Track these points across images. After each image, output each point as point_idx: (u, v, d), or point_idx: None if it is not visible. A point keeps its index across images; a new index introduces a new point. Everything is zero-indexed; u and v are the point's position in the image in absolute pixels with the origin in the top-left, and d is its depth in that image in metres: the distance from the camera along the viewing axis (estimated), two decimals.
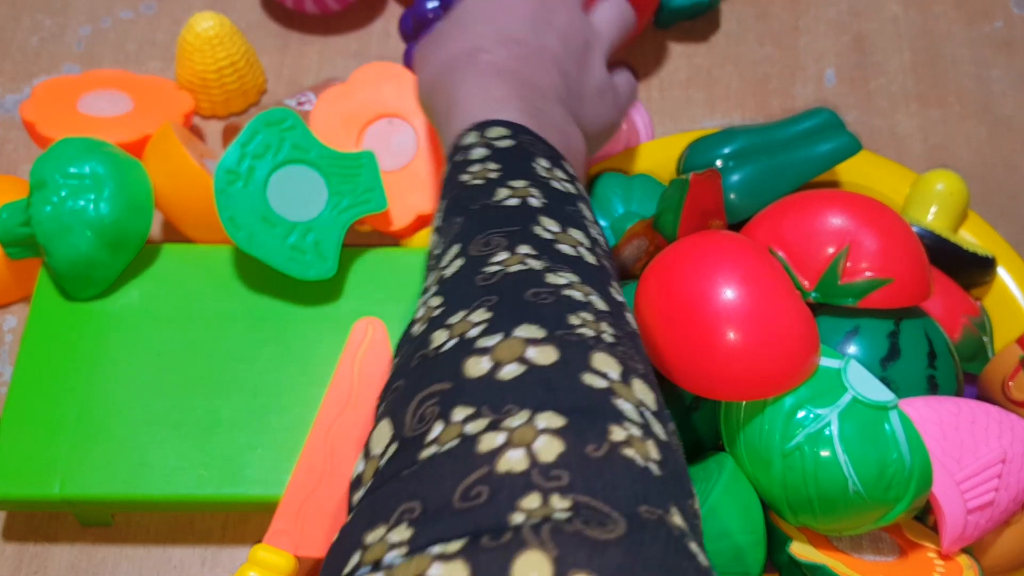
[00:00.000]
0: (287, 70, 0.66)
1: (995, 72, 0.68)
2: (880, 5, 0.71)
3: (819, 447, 0.40)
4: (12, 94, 0.65)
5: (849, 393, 0.41)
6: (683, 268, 0.43)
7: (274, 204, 0.50)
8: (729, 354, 0.40)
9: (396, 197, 0.53)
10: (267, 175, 0.50)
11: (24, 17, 0.68)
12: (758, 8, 0.71)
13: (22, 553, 0.50)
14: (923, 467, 0.40)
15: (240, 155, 0.50)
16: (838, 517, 0.41)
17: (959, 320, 0.50)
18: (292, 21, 0.68)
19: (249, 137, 0.50)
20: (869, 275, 0.44)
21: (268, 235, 0.50)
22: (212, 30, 0.59)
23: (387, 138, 0.54)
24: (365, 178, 0.52)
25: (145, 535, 0.51)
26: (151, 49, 0.67)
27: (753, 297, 0.41)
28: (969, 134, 0.65)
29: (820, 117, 0.54)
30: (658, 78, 0.67)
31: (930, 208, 0.55)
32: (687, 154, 0.55)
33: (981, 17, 0.70)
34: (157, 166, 0.52)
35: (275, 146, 0.50)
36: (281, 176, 0.50)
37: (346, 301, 0.52)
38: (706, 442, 0.47)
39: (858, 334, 0.45)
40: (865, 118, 0.66)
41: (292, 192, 0.51)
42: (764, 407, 0.41)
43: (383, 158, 0.54)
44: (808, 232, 0.46)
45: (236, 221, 0.49)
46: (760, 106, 0.66)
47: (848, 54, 0.68)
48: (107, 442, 0.47)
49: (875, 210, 0.46)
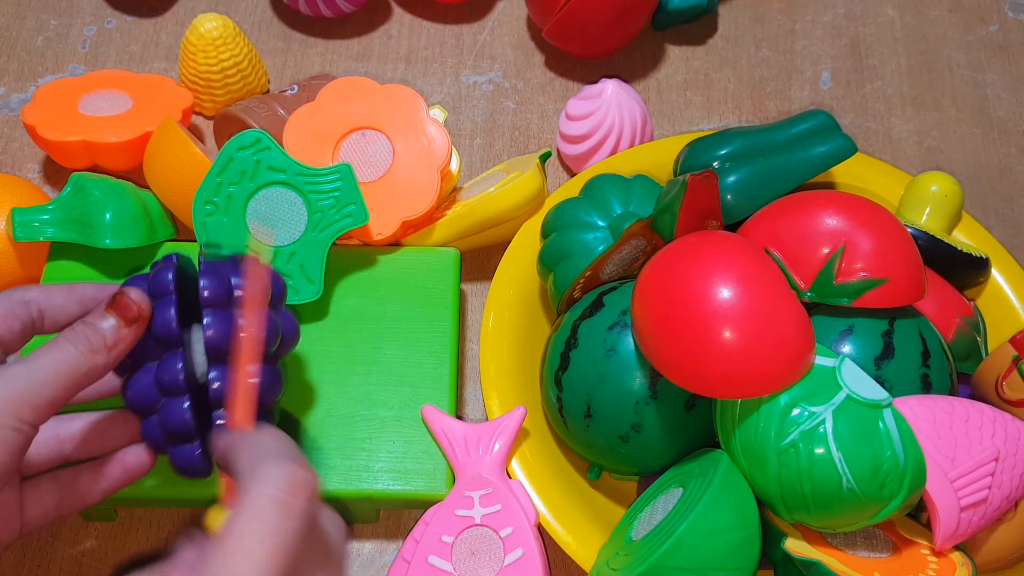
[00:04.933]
0: (289, 71, 0.67)
1: (990, 76, 0.68)
2: (876, 9, 0.71)
3: (814, 444, 0.40)
4: (18, 93, 0.65)
5: (843, 391, 0.41)
6: (680, 267, 0.43)
7: (254, 230, 0.50)
8: (725, 352, 0.41)
9: (379, 207, 0.53)
10: (245, 201, 0.50)
11: (30, 17, 0.69)
12: (755, 12, 0.71)
13: (25, 548, 0.50)
14: (916, 465, 0.41)
15: (216, 185, 0.50)
16: (832, 514, 0.41)
17: (953, 320, 0.51)
18: (295, 23, 0.69)
19: (223, 165, 0.50)
20: (864, 275, 0.45)
21: None
22: (216, 31, 0.60)
23: (363, 150, 0.54)
24: (344, 193, 0.51)
25: (148, 531, 0.51)
26: (155, 50, 0.67)
27: (749, 296, 0.41)
28: (964, 137, 0.66)
29: (816, 119, 0.55)
30: (656, 80, 0.68)
31: (924, 209, 0.55)
32: (684, 155, 0.55)
33: (976, 21, 0.71)
34: (161, 159, 0.53)
35: (250, 170, 0.50)
36: (259, 201, 0.50)
37: (346, 300, 0.52)
38: (702, 439, 0.47)
39: (853, 333, 0.45)
40: (861, 121, 0.66)
41: (272, 216, 0.50)
42: (759, 405, 0.42)
43: (361, 170, 0.54)
44: (804, 232, 0.46)
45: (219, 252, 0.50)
46: (757, 108, 0.67)
47: (844, 57, 0.69)
48: None
49: (870, 211, 0.46)
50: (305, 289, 0.51)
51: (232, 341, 0.40)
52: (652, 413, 0.45)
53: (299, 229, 0.51)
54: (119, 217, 0.51)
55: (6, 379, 0.36)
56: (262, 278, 0.41)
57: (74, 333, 0.38)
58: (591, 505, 0.49)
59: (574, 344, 0.47)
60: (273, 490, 0.32)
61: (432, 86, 0.66)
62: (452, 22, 0.69)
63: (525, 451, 0.49)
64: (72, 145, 0.56)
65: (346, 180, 0.51)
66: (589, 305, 0.48)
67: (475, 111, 0.66)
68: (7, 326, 0.39)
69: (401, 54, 0.68)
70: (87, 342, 0.37)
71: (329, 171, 0.51)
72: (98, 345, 0.38)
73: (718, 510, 0.41)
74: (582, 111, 0.60)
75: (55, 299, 0.41)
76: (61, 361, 0.37)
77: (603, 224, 0.52)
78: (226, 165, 0.50)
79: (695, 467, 0.45)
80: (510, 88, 0.67)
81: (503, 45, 0.69)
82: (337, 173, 0.51)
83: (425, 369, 0.51)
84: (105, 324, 0.38)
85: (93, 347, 0.37)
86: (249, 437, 0.36)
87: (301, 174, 0.50)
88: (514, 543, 0.45)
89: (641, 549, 0.42)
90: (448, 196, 0.58)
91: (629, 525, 0.46)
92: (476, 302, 0.58)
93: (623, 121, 0.59)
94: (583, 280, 0.49)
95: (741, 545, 0.41)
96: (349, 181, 0.51)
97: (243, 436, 0.36)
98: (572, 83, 0.67)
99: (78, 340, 0.37)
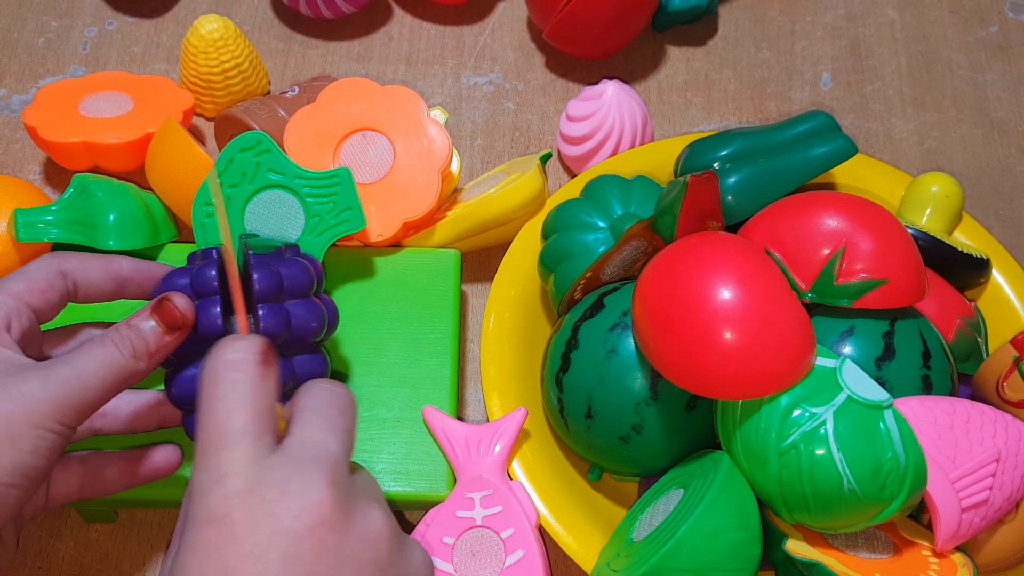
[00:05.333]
0: (290, 72, 0.67)
1: (990, 76, 0.68)
2: (876, 10, 0.71)
3: (814, 446, 0.40)
4: (19, 95, 0.65)
5: (844, 392, 0.41)
6: (681, 268, 0.43)
7: (252, 232, 0.50)
8: (726, 353, 0.41)
9: (381, 208, 0.53)
10: (244, 204, 0.50)
11: (30, 19, 0.69)
12: (755, 12, 0.71)
13: (26, 549, 0.50)
14: (917, 466, 0.41)
15: (216, 185, 0.50)
16: (833, 515, 0.41)
17: (953, 321, 0.51)
18: (296, 24, 0.69)
19: (225, 166, 0.50)
20: (864, 276, 0.45)
21: None
22: (216, 32, 0.60)
23: (363, 151, 0.54)
24: (342, 197, 0.50)
25: (149, 531, 0.51)
26: (156, 51, 0.67)
27: (750, 297, 0.41)
28: (964, 137, 0.66)
29: (816, 120, 0.55)
30: (656, 81, 0.68)
31: (925, 210, 0.55)
32: (685, 156, 0.55)
33: (977, 21, 0.71)
34: (164, 159, 0.53)
35: (250, 172, 0.50)
36: (258, 203, 0.50)
37: (347, 302, 0.52)
38: (703, 440, 0.47)
39: (853, 334, 0.45)
40: (861, 121, 0.66)
41: (270, 219, 0.50)
42: (760, 406, 0.42)
43: (362, 171, 0.54)
44: (804, 233, 0.46)
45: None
46: (757, 109, 0.67)
47: (844, 58, 0.69)
48: (112, 439, 0.47)
49: (870, 212, 0.46)
50: None
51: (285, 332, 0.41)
52: (653, 414, 0.46)
53: (296, 233, 0.51)
54: (123, 219, 0.51)
55: (50, 380, 0.36)
56: (307, 269, 0.42)
57: (119, 335, 0.37)
58: (592, 506, 0.49)
59: (575, 345, 0.47)
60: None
61: (433, 87, 0.67)
62: (453, 23, 0.69)
63: (526, 452, 0.49)
64: (73, 146, 0.57)
65: (344, 184, 0.51)
66: (590, 306, 0.48)
67: (476, 112, 0.66)
68: (45, 299, 0.40)
69: (402, 55, 0.68)
70: (131, 347, 0.37)
71: (328, 175, 0.51)
72: (141, 351, 0.38)
73: (719, 511, 0.41)
74: (583, 112, 0.60)
75: (91, 274, 0.41)
76: (106, 366, 0.37)
77: (604, 225, 0.52)
78: (227, 166, 0.50)
79: (696, 468, 0.45)
80: (511, 89, 0.67)
81: (503, 46, 0.69)
82: (336, 177, 0.51)
83: (426, 370, 0.51)
84: (148, 328, 0.38)
85: (136, 352, 0.37)
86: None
87: (300, 177, 0.50)
88: (515, 544, 0.45)
89: (642, 550, 0.42)
90: (449, 197, 0.58)
91: (630, 526, 0.46)
92: (477, 303, 0.58)
93: (624, 122, 0.59)
94: (584, 281, 0.49)
95: (742, 546, 0.41)
96: (347, 185, 0.51)
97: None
98: (572, 84, 0.67)
99: (123, 343, 0.37)
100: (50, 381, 0.36)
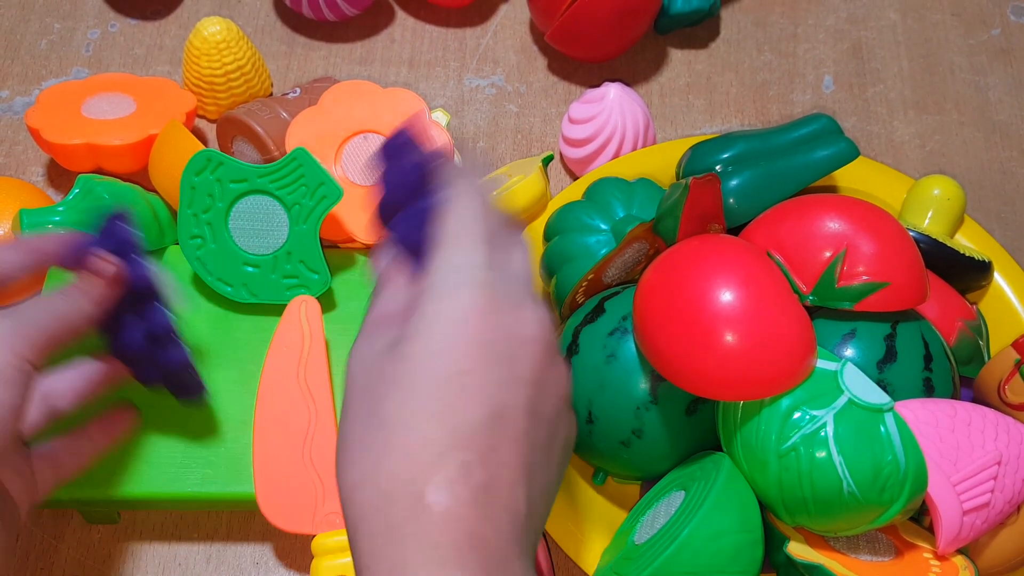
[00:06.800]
0: (293, 74, 0.67)
1: (992, 79, 0.68)
2: (878, 13, 0.71)
3: (814, 448, 0.40)
4: (21, 97, 0.65)
5: (845, 395, 0.41)
6: (683, 271, 0.43)
7: (245, 246, 0.51)
8: (727, 355, 0.41)
9: None
10: (224, 224, 0.50)
11: (33, 21, 0.69)
12: (758, 15, 0.71)
13: (29, 550, 0.50)
14: (917, 469, 0.41)
15: (192, 218, 0.50)
16: (833, 518, 0.41)
17: (955, 324, 0.51)
18: (298, 26, 0.69)
19: (189, 196, 0.50)
20: (866, 278, 0.45)
21: (259, 278, 0.51)
22: (219, 34, 0.60)
23: (365, 154, 0.54)
24: (308, 176, 0.50)
25: (151, 533, 0.51)
26: (159, 53, 0.67)
27: (751, 299, 0.42)
28: (966, 140, 0.66)
29: (818, 123, 0.55)
30: (658, 84, 0.68)
31: (927, 213, 0.55)
32: (687, 159, 0.55)
33: (978, 25, 0.71)
34: (169, 159, 0.53)
35: (216, 192, 0.50)
36: (236, 218, 0.50)
37: (350, 304, 0.52)
38: (703, 444, 0.47)
39: (855, 337, 0.45)
40: (863, 124, 0.66)
41: (255, 227, 0.51)
42: (761, 408, 0.42)
43: (364, 173, 0.54)
44: (806, 236, 0.46)
45: (225, 280, 0.50)
46: (759, 112, 0.67)
47: (846, 61, 0.69)
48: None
49: (872, 214, 0.46)
50: (313, 283, 0.51)
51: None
52: (653, 418, 0.46)
53: (284, 228, 0.51)
54: None
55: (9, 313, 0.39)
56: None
57: (76, 287, 0.42)
58: (593, 509, 0.49)
59: (575, 350, 0.47)
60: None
61: (435, 90, 0.67)
62: (455, 26, 0.70)
63: None
64: (76, 148, 0.57)
65: (305, 164, 0.50)
66: (590, 311, 0.48)
67: (478, 115, 0.66)
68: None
69: (404, 58, 0.68)
70: (79, 292, 0.42)
71: (284, 161, 0.50)
72: (96, 297, 0.42)
73: (721, 513, 0.41)
74: (585, 115, 0.60)
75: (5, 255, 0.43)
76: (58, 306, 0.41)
77: (605, 227, 0.52)
78: (192, 195, 0.50)
79: (696, 470, 0.45)
80: (513, 92, 0.67)
81: (506, 49, 0.69)
82: (294, 160, 0.50)
83: None
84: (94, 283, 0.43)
85: (89, 297, 0.42)
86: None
87: (262, 176, 0.50)
88: None
89: (644, 553, 0.42)
90: None
91: (631, 529, 0.46)
92: None
93: (625, 124, 0.59)
94: (585, 284, 0.49)
95: (744, 548, 0.41)
96: (308, 163, 0.50)
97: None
98: (575, 87, 0.67)
99: (71, 291, 0.42)
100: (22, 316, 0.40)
